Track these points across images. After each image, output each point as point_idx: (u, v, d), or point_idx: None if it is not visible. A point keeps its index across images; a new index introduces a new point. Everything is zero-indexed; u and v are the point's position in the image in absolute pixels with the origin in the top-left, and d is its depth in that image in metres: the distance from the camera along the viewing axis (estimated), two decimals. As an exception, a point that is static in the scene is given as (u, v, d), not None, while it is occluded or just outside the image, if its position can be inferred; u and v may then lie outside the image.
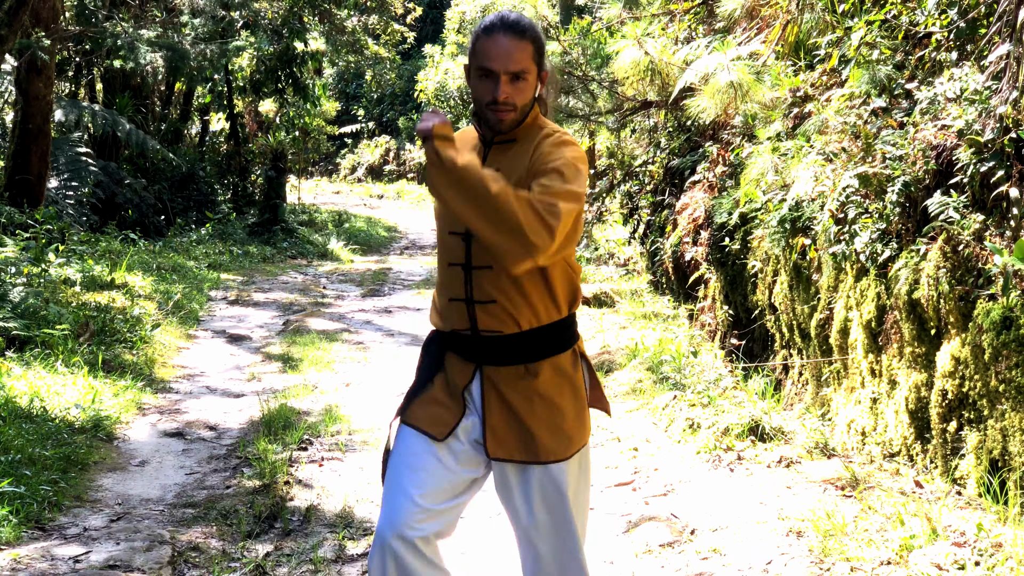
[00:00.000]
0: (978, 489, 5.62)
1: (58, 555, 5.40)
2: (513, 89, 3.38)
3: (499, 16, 3.43)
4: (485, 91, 3.39)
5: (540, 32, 3.48)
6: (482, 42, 3.39)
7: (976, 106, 5.98)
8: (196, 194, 23.33)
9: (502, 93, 3.36)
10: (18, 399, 7.74)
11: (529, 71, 3.40)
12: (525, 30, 3.40)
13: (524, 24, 3.41)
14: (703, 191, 11.26)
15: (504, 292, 3.43)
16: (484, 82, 3.39)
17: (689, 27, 11.86)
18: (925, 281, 6.01)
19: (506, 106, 3.38)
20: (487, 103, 3.40)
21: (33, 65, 14.79)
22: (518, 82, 3.38)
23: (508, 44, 3.36)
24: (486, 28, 3.41)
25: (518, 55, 3.37)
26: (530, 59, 3.40)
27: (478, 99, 3.43)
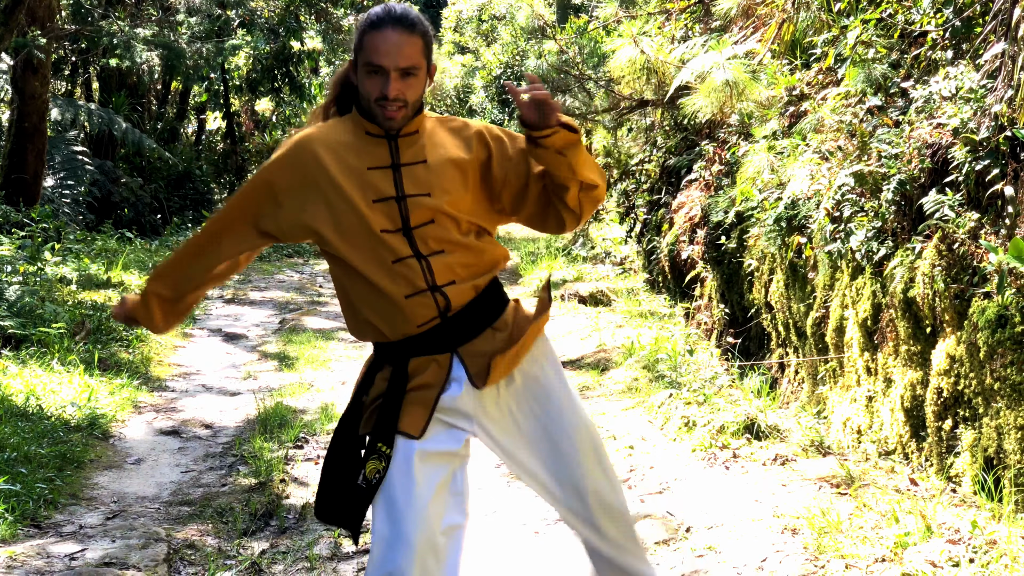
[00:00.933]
0: (973, 487, 5.63)
1: (54, 552, 5.41)
2: (404, 85, 3.30)
3: (386, 9, 3.33)
4: (373, 87, 3.30)
5: (428, 25, 3.42)
6: (370, 37, 3.29)
7: (971, 104, 5.99)
8: (192, 193, 23.33)
9: (393, 89, 3.28)
10: (14, 397, 7.74)
11: (419, 66, 3.33)
12: (415, 24, 3.33)
13: (412, 17, 3.34)
14: (699, 190, 11.27)
15: (463, 267, 3.41)
16: (373, 78, 3.30)
17: (685, 26, 11.86)
18: (920, 279, 6.02)
19: (397, 102, 3.30)
20: (376, 99, 3.31)
21: (29, 64, 14.78)
22: (408, 78, 3.31)
23: (397, 39, 3.27)
24: (373, 22, 3.31)
25: (408, 50, 3.29)
26: (420, 54, 3.33)
27: (366, 95, 3.33)
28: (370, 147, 3.40)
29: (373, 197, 3.34)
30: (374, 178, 3.36)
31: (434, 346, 3.42)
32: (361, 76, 3.34)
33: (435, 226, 3.36)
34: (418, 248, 3.35)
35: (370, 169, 3.37)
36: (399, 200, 3.35)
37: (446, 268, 3.37)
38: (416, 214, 3.35)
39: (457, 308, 3.40)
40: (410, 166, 3.40)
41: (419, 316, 3.37)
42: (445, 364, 3.43)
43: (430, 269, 3.35)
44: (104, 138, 20.70)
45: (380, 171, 3.37)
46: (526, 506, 6.24)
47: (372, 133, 3.41)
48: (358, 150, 3.40)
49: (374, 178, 3.36)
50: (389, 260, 3.34)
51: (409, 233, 3.34)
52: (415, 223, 3.35)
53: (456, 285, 3.38)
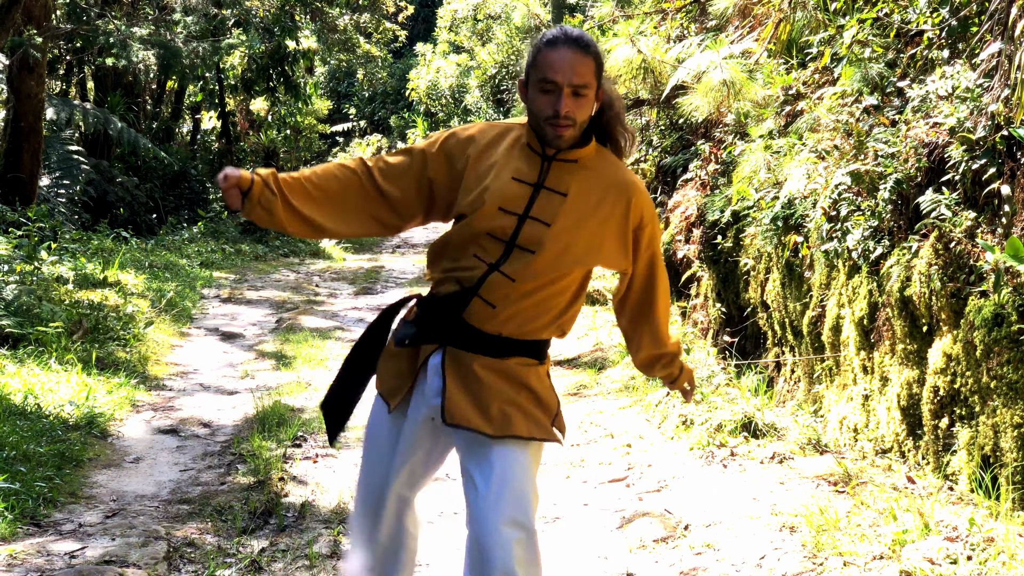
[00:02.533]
0: (970, 484, 5.65)
1: (53, 551, 5.42)
2: (574, 103, 3.34)
3: (562, 30, 3.41)
4: (546, 104, 3.36)
5: (600, 49, 3.47)
6: (544, 54, 3.37)
7: (968, 104, 6.01)
8: (188, 192, 23.33)
9: (564, 106, 3.33)
10: (12, 396, 7.74)
11: (590, 86, 3.37)
12: (588, 45, 3.38)
13: (587, 39, 3.39)
14: (695, 189, 11.28)
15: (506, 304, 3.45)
16: (545, 96, 3.36)
17: (682, 25, 11.87)
18: (917, 278, 6.04)
19: (567, 120, 3.34)
20: (547, 117, 3.36)
21: (25, 63, 14.78)
22: (579, 97, 3.35)
23: (571, 57, 3.34)
24: (549, 41, 3.39)
25: (581, 68, 3.34)
26: (592, 74, 3.38)
27: (537, 112, 3.39)
28: (525, 159, 3.47)
29: (500, 205, 3.41)
30: (513, 188, 3.44)
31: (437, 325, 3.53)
32: (534, 93, 3.40)
33: (532, 256, 3.41)
34: (501, 262, 3.42)
35: (514, 179, 3.45)
36: (521, 218, 3.42)
37: (497, 290, 3.44)
38: (525, 236, 3.42)
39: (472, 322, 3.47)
40: (550, 192, 3.45)
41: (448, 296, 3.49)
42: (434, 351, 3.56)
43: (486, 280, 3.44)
44: (100, 137, 20.69)
45: (521, 184, 3.44)
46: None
47: (532, 148, 3.48)
48: (512, 156, 3.48)
49: (513, 188, 3.44)
50: (472, 251, 3.44)
51: (510, 248, 3.41)
52: (521, 243, 3.41)
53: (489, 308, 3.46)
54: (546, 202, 3.43)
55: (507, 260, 3.41)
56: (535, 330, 3.53)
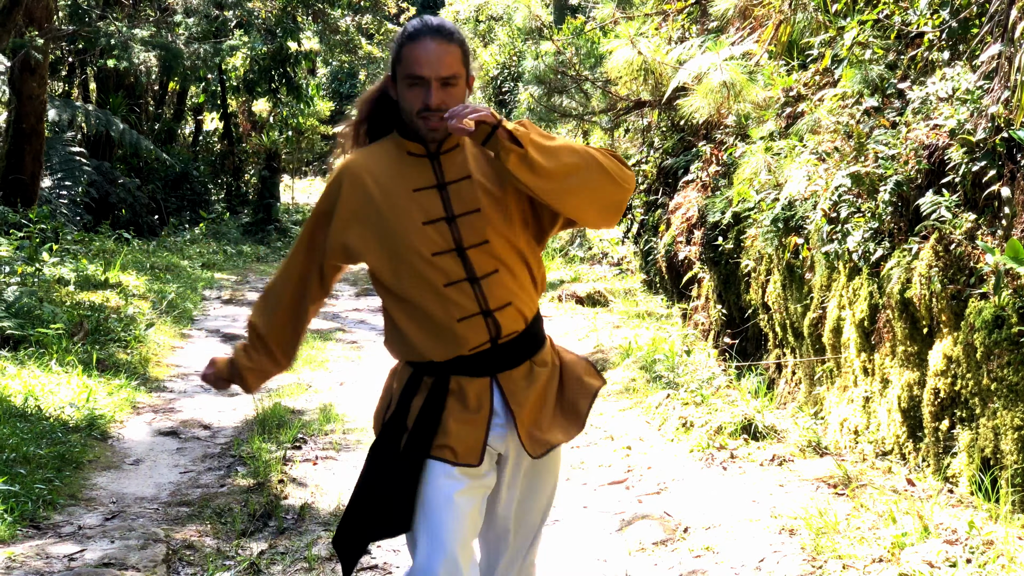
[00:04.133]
0: (970, 487, 5.64)
1: (53, 553, 5.42)
2: (445, 95, 3.24)
3: (422, 21, 3.31)
4: (415, 99, 3.25)
5: (464, 35, 3.36)
6: (408, 48, 3.26)
7: (968, 106, 6.00)
8: (190, 194, 23.36)
9: (435, 99, 3.22)
10: (12, 398, 7.75)
11: (459, 75, 3.28)
12: (452, 33, 3.28)
13: (449, 27, 3.30)
14: (696, 190, 11.28)
15: (513, 291, 3.34)
16: (413, 90, 3.25)
17: (682, 27, 11.87)
18: (917, 280, 6.03)
19: (439, 113, 3.22)
20: (418, 111, 3.25)
21: (27, 65, 14.79)
22: (449, 87, 3.25)
23: (437, 48, 3.23)
24: (411, 34, 3.27)
25: (448, 59, 3.24)
26: (459, 63, 3.28)
27: (407, 109, 3.28)
28: (413, 168, 3.36)
29: (422, 219, 3.28)
30: (421, 199, 3.31)
31: (478, 369, 3.35)
32: (402, 90, 3.30)
33: (489, 246, 3.30)
34: (473, 270, 3.28)
35: (416, 191, 3.32)
36: (449, 220, 3.29)
37: (500, 289, 3.32)
38: (469, 233, 3.29)
39: (507, 334, 3.34)
40: (456, 183, 3.34)
41: (471, 340, 3.30)
42: (486, 389, 3.36)
43: (483, 293, 3.29)
44: (101, 139, 20.71)
45: (426, 192, 3.32)
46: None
47: (414, 153, 3.36)
48: (401, 172, 3.35)
49: (421, 199, 3.31)
50: (440, 283, 3.27)
51: (463, 253, 3.28)
52: (468, 243, 3.28)
53: (509, 308, 3.34)
54: (458, 193, 3.32)
55: (472, 264, 3.28)
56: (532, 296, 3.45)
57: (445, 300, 3.27)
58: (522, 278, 3.39)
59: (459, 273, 3.27)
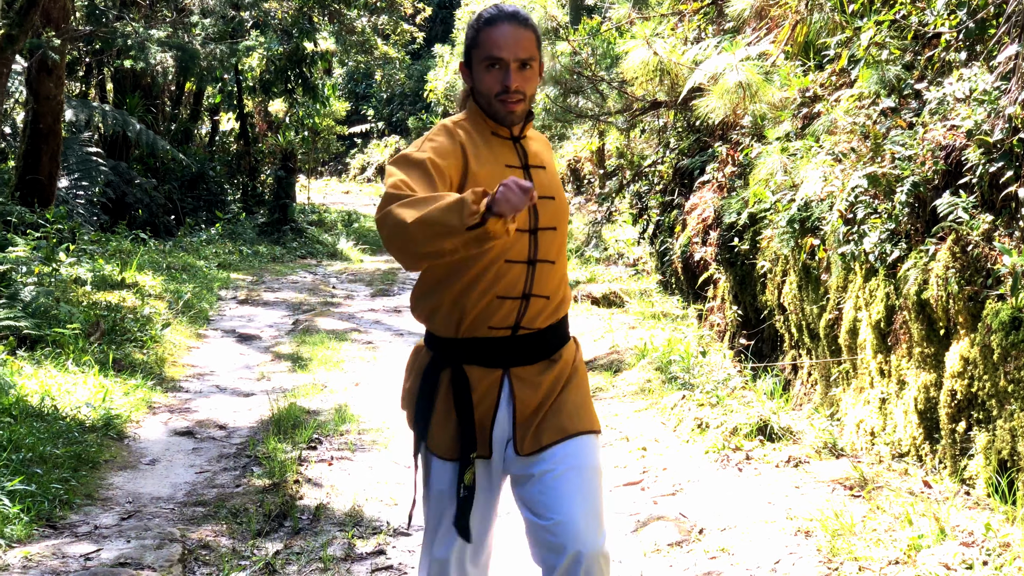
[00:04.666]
0: (987, 489, 5.62)
1: (69, 553, 5.43)
2: (522, 77, 3.34)
3: (498, 8, 3.39)
4: (494, 81, 3.34)
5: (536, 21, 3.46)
6: (486, 32, 3.35)
7: (985, 106, 5.98)
8: (206, 194, 23.39)
9: (513, 81, 3.32)
10: (29, 398, 7.77)
11: (535, 58, 3.36)
12: (527, 19, 3.38)
13: (524, 14, 3.40)
14: (712, 191, 11.26)
15: (555, 285, 3.44)
16: (491, 72, 3.34)
17: (699, 27, 11.86)
18: (934, 281, 6.02)
19: (517, 94, 3.34)
20: (497, 94, 3.34)
21: (44, 65, 14.82)
22: (526, 70, 3.35)
23: (514, 32, 3.33)
24: (488, 19, 3.37)
25: (525, 42, 3.34)
26: (534, 47, 3.36)
27: (485, 92, 3.36)
28: (501, 147, 3.44)
29: None
30: (511, 175, 3.34)
31: (492, 358, 3.42)
32: (479, 73, 3.38)
33: (555, 233, 3.42)
34: (535, 252, 3.37)
35: (508, 166, 3.40)
36: None
37: (545, 280, 3.40)
38: (544, 217, 3.39)
39: (528, 326, 3.40)
40: (536, 169, 3.46)
41: (498, 319, 3.37)
42: (497, 381, 3.44)
43: (533, 277, 3.37)
44: (118, 139, 20.74)
45: (514, 170, 3.41)
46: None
47: (498, 134, 3.44)
48: (491, 148, 3.42)
49: (511, 175, 3.34)
50: (502, 259, 3.33)
51: (535, 234, 3.37)
52: (542, 225, 3.39)
53: (545, 300, 3.41)
54: (539, 179, 3.43)
55: (538, 247, 3.38)
56: (563, 297, 3.52)
57: (499, 274, 3.34)
58: (564, 275, 3.51)
59: (523, 253, 3.36)
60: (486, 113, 3.42)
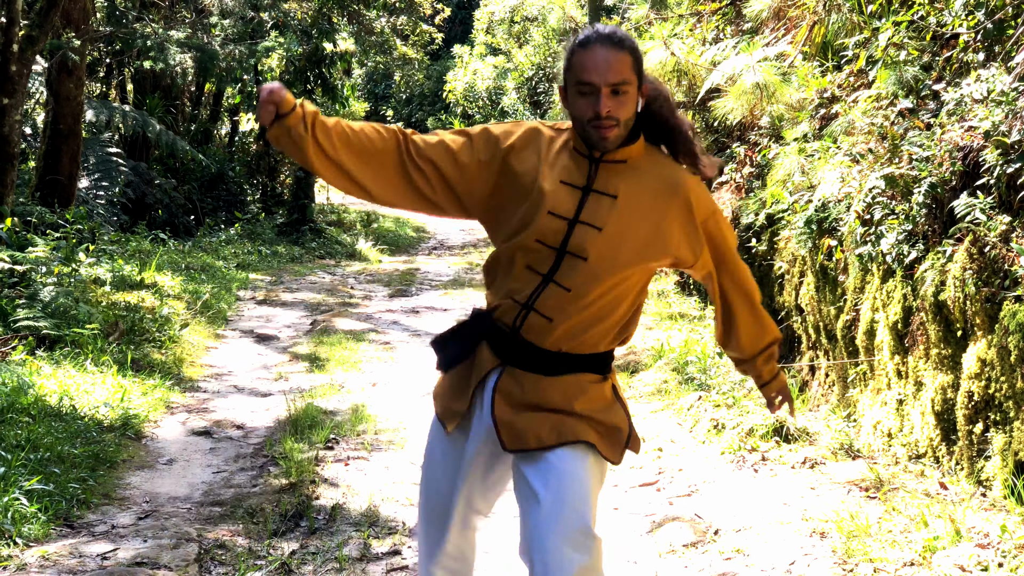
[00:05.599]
0: (1003, 491, 5.60)
1: (86, 552, 5.46)
2: (615, 103, 3.23)
3: (594, 29, 3.32)
4: (586, 107, 3.25)
5: (636, 43, 3.36)
6: (579, 56, 3.28)
7: (1003, 107, 5.96)
8: (225, 194, 23.43)
9: (604, 107, 3.21)
10: (48, 397, 7.80)
11: (630, 82, 3.25)
12: (622, 40, 3.28)
13: (620, 35, 3.30)
14: (730, 192, 11.25)
15: (562, 315, 3.34)
16: (584, 98, 3.25)
17: (717, 28, 11.84)
18: (951, 283, 6.00)
19: (609, 120, 3.23)
20: (589, 119, 3.25)
21: (64, 66, 14.89)
22: (619, 95, 3.24)
23: (606, 55, 3.23)
24: (582, 42, 3.30)
25: (617, 66, 3.23)
26: (630, 70, 3.26)
27: (579, 117, 3.29)
28: (572, 163, 3.38)
29: (551, 208, 3.31)
30: (561, 192, 3.33)
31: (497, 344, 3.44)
32: (573, 98, 3.31)
33: (584, 264, 3.31)
34: (553, 272, 3.32)
35: (563, 183, 3.35)
36: (571, 223, 3.32)
37: (553, 302, 3.34)
38: (576, 242, 3.31)
39: (528, 337, 3.38)
40: (599, 194, 3.35)
41: (505, 313, 3.40)
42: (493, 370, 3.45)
43: (540, 292, 3.34)
44: (138, 140, 20.81)
45: (570, 188, 3.35)
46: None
47: (579, 151, 3.38)
48: (561, 160, 3.39)
49: (561, 192, 3.33)
50: (524, 263, 3.35)
51: (562, 255, 3.31)
52: (571, 249, 3.31)
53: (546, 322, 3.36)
54: (596, 205, 3.32)
55: (559, 269, 3.31)
56: (594, 342, 3.41)
57: (518, 274, 3.37)
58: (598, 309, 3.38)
59: (544, 267, 3.33)
60: (580, 136, 3.36)
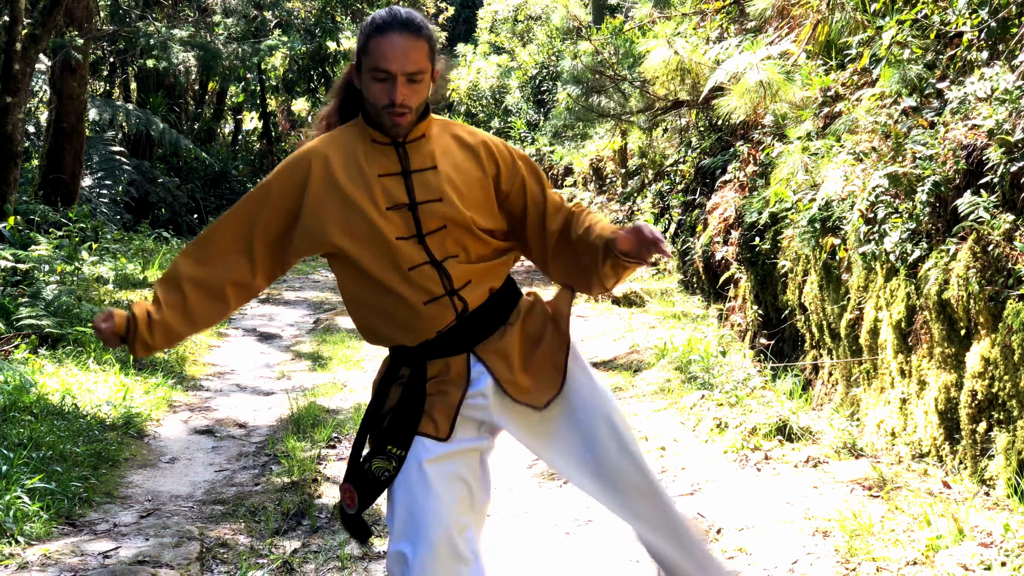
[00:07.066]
0: (1007, 490, 5.59)
1: (88, 550, 5.45)
2: (409, 91, 3.27)
3: (391, 13, 3.31)
4: (380, 94, 3.27)
5: (431, 28, 3.37)
6: (376, 42, 3.26)
7: (1007, 106, 5.95)
8: (229, 193, 23.47)
9: (400, 95, 3.25)
10: (50, 396, 7.81)
11: (425, 71, 3.30)
12: (420, 28, 3.29)
13: (418, 21, 3.31)
14: (734, 191, 11.24)
15: (475, 271, 3.40)
16: (379, 84, 3.27)
17: (720, 26, 11.83)
18: (955, 281, 5.99)
19: (403, 108, 3.27)
20: (383, 106, 3.28)
21: (67, 64, 14.91)
22: (414, 83, 3.28)
23: (404, 43, 3.25)
24: (378, 27, 3.28)
25: (414, 55, 3.26)
26: (426, 58, 3.30)
27: (372, 102, 3.31)
28: (378, 154, 3.38)
29: (386, 204, 3.33)
30: (386, 185, 3.35)
31: (451, 347, 3.41)
32: (367, 82, 3.32)
33: (447, 232, 3.35)
34: (433, 254, 3.34)
35: (381, 176, 3.35)
36: (411, 207, 3.33)
37: (462, 272, 3.38)
38: (428, 221, 3.34)
39: (473, 308, 3.41)
40: (420, 172, 3.38)
41: (438, 321, 3.36)
42: (462, 363, 3.42)
43: (446, 274, 3.34)
44: (141, 138, 20.85)
45: (391, 178, 3.36)
46: (557, 506, 6.25)
47: (378, 141, 3.39)
48: (367, 157, 3.38)
49: (386, 185, 3.35)
50: (405, 267, 3.32)
51: (423, 240, 3.33)
52: (427, 229, 3.33)
53: (472, 286, 3.39)
54: (422, 181, 3.36)
55: (432, 249, 3.33)
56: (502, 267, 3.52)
57: (411, 282, 3.33)
58: (486, 256, 3.45)
59: (421, 257, 3.32)
60: (370, 121, 3.39)
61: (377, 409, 3.50)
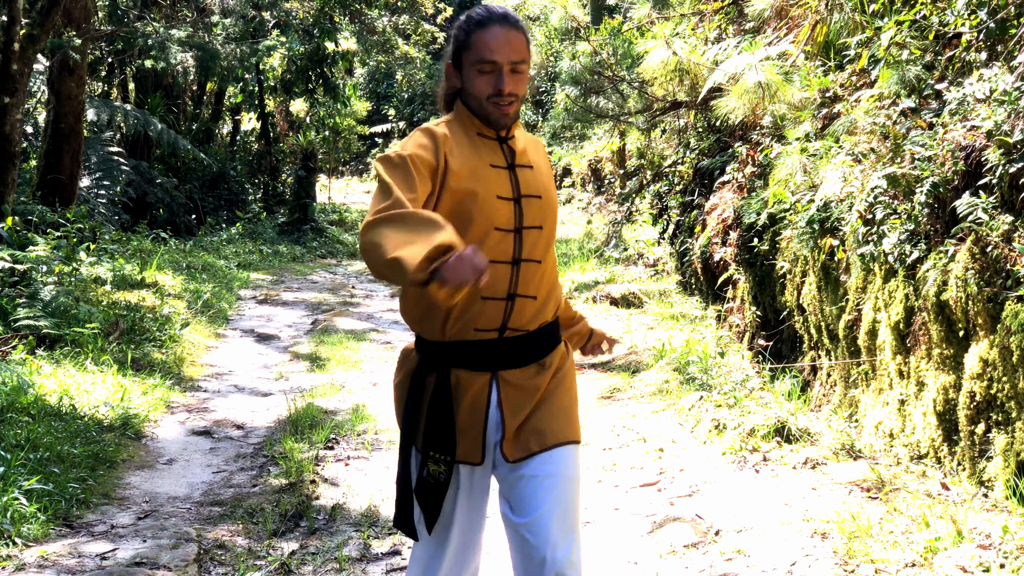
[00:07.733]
0: (1005, 491, 5.58)
1: (85, 552, 5.45)
2: (514, 80, 3.34)
3: (487, 9, 3.39)
4: (486, 85, 3.34)
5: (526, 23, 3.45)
6: (478, 35, 3.34)
7: (1005, 107, 5.94)
8: (227, 193, 23.45)
9: (507, 84, 3.32)
10: (48, 397, 7.79)
11: (527, 61, 3.37)
12: (516, 20, 3.37)
13: (514, 16, 3.39)
14: (732, 191, 11.23)
15: (542, 284, 3.43)
16: (484, 76, 3.33)
17: (719, 27, 11.83)
18: (953, 282, 5.98)
19: (511, 96, 3.34)
20: (489, 96, 3.34)
21: (65, 65, 14.88)
22: (517, 73, 3.35)
23: (506, 35, 3.33)
24: (479, 22, 3.36)
25: (516, 45, 3.34)
26: (526, 49, 3.37)
27: (476, 95, 3.35)
28: (485, 146, 3.42)
29: (497, 193, 3.36)
30: (496, 175, 3.38)
31: (479, 361, 3.40)
32: (471, 76, 3.37)
33: (540, 232, 3.41)
34: (520, 251, 3.37)
35: (493, 166, 3.39)
36: (516, 200, 3.38)
37: (531, 279, 3.39)
38: (528, 216, 3.39)
39: (516, 327, 3.39)
40: (522, 168, 3.45)
41: (484, 320, 3.35)
42: (486, 386, 3.41)
43: (518, 276, 3.36)
44: (140, 139, 20.83)
45: (499, 170, 3.40)
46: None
47: (484, 134, 3.43)
48: (476, 148, 3.40)
49: (496, 175, 3.38)
50: (490, 257, 3.27)
51: (520, 233, 3.37)
52: (527, 224, 3.38)
53: (532, 300, 3.40)
54: (524, 178, 3.43)
55: (523, 246, 3.37)
56: (553, 305, 3.54)
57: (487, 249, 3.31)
58: (552, 275, 3.50)
59: (507, 253, 3.35)
60: (476, 114, 3.42)
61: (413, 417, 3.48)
